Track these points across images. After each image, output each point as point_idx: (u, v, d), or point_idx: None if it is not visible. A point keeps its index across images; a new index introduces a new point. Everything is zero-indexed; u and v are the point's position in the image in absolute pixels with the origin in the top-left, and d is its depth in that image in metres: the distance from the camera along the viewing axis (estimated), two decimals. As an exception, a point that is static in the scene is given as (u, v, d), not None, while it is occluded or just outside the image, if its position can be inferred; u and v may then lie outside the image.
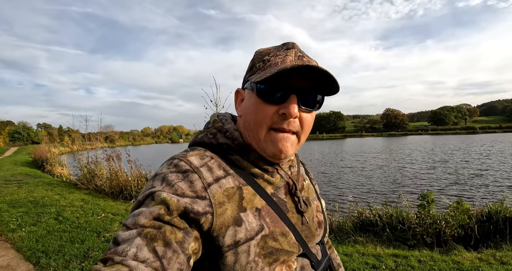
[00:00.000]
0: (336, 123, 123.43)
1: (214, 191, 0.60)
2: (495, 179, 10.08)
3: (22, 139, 63.98)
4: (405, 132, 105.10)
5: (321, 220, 0.81)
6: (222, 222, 0.58)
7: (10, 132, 65.53)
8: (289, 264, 0.66)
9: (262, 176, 0.69)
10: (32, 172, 11.92)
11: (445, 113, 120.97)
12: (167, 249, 0.50)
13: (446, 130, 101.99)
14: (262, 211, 0.64)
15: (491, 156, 17.45)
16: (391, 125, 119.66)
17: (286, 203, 0.71)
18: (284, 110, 0.63)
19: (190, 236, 0.55)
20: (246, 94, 0.70)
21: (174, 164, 0.63)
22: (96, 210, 5.47)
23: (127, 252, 0.48)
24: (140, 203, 0.57)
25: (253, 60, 0.70)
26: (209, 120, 0.78)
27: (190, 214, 0.55)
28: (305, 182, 0.82)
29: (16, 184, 8.34)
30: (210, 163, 0.65)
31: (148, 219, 0.52)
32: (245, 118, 0.68)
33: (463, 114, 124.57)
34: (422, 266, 3.31)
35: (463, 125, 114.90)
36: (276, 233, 0.64)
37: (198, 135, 0.75)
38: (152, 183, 0.60)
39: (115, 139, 69.67)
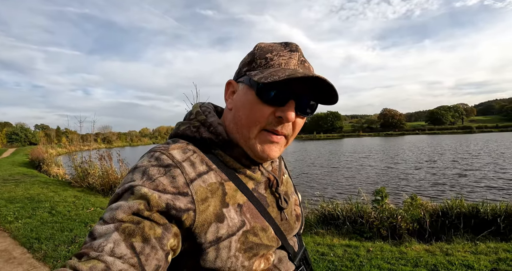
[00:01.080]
0: (333, 123, 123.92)
1: (196, 187, 0.59)
2: (476, 179, 10.27)
3: (19, 140, 64.33)
4: (402, 132, 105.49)
5: (298, 213, 0.82)
6: (204, 219, 0.58)
7: (7, 133, 65.92)
8: (267, 257, 0.67)
9: (244, 172, 0.69)
10: (29, 172, 12.43)
11: (442, 113, 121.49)
12: (145, 245, 0.50)
13: (443, 130, 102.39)
14: (243, 206, 0.65)
15: (480, 156, 17.59)
16: (388, 125, 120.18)
17: (266, 198, 0.72)
18: (281, 114, 0.63)
19: (169, 232, 0.54)
20: (240, 88, 0.68)
21: (155, 157, 0.61)
22: (87, 205, 5.98)
23: (103, 247, 0.47)
24: (119, 196, 0.56)
25: (253, 54, 0.67)
26: (191, 110, 0.76)
27: (172, 210, 0.54)
28: (284, 177, 0.83)
29: (14, 183, 8.85)
30: (193, 158, 0.64)
31: (127, 213, 0.51)
32: (237, 113, 0.67)
33: (460, 114, 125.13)
34: (368, 255, 3.57)
35: (460, 124, 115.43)
36: (257, 228, 0.65)
37: (179, 126, 0.72)
38: (132, 176, 0.58)
39: (112, 140, 70.03)
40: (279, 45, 0.67)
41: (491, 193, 8.10)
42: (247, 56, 0.70)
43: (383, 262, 3.32)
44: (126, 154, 8.53)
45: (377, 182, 10.78)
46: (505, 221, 4.46)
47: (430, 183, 9.97)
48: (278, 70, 0.61)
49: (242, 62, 0.70)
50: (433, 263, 3.23)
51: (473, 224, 4.64)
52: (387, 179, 11.35)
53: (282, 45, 0.68)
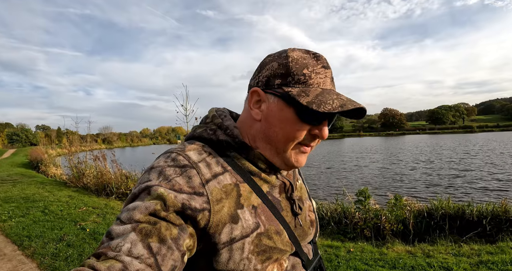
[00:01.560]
0: (334, 123, 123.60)
1: (212, 188, 0.60)
2: (471, 180, 10.21)
3: (20, 141, 64.69)
4: (403, 132, 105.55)
5: (313, 219, 0.82)
6: (219, 219, 0.58)
7: (8, 134, 66.29)
8: (281, 262, 0.67)
9: (259, 174, 0.69)
10: (27, 172, 12.63)
11: (442, 112, 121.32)
12: (162, 245, 0.51)
13: (443, 129, 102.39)
14: (258, 209, 0.65)
15: (478, 156, 17.50)
16: (389, 125, 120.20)
17: (280, 201, 0.72)
18: (318, 133, 0.65)
19: (185, 233, 0.55)
20: (272, 101, 0.66)
21: (172, 157, 0.62)
22: (79, 204, 6.14)
23: (121, 247, 0.48)
24: (135, 197, 0.57)
25: (287, 67, 0.64)
26: (207, 114, 0.77)
27: (187, 210, 0.55)
28: (298, 182, 0.83)
29: (11, 183, 9.03)
30: (209, 159, 0.64)
31: (144, 214, 0.52)
32: (272, 128, 0.66)
33: (460, 113, 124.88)
34: (348, 256, 3.57)
35: (460, 124, 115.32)
36: (271, 231, 0.65)
37: (196, 129, 0.74)
38: (149, 176, 0.59)
39: (113, 141, 70.34)
40: (311, 58, 0.66)
41: (485, 194, 8.13)
42: (277, 65, 0.65)
43: (361, 263, 3.34)
44: (125, 154, 8.67)
45: (369, 182, 10.84)
46: (491, 222, 4.45)
47: (424, 184, 9.99)
48: (325, 95, 0.62)
49: (269, 70, 0.66)
50: (411, 265, 3.24)
51: (459, 226, 4.63)
52: (380, 180, 11.40)
53: (313, 58, 0.66)
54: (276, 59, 0.66)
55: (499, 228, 4.38)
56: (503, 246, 3.69)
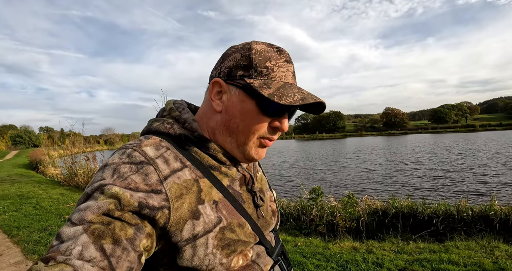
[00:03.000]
0: (335, 123, 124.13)
1: (170, 184, 0.58)
2: (453, 183, 9.96)
3: (23, 142, 65.74)
4: (405, 131, 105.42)
5: (274, 209, 0.83)
6: (180, 217, 0.57)
7: (11, 136, 67.44)
8: (245, 253, 0.68)
9: (219, 168, 0.68)
10: (26, 172, 13.32)
11: (445, 111, 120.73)
12: (116, 246, 0.49)
13: (446, 129, 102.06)
14: (219, 203, 0.64)
15: (468, 157, 17.00)
16: (391, 124, 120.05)
17: (241, 194, 0.72)
18: (278, 125, 0.66)
19: (142, 233, 0.53)
20: (234, 92, 0.65)
21: (127, 154, 0.60)
22: (68, 201, 6.73)
23: (71, 250, 0.46)
24: (88, 196, 0.54)
25: (250, 59, 0.64)
26: (164, 107, 0.75)
27: (145, 209, 0.53)
28: (258, 174, 0.84)
29: (10, 182, 9.66)
30: (166, 154, 0.62)
31: (96, 214, 0.50)
32: (232, 120, 0.66)
33: (463, 112, 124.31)
34: (292, 249, 3.79)
35: (463, 123, 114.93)
36: (234, 225, 0.65)
37: (152, 123, 0.71)
38: (102, 174, 0.56)
39: (115, 142, 71.20)
40: (274, 52, 0.66)
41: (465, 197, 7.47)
42: (240, 56, 0.65)
43: (300, 256, 3.54)
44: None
45: (345, 184, 10.86)
46: (444, 221, 4.57)
47: (406, 187, 9.79)
48: (286, 88, 0.63)
49: (231, 61, 0.66)
50: (346, 259, 3.40)
51: (414, 224, 4.75)
52: (360, 181, 11.32)
53: (276, 51, 0.67)
54: (239, 50, 0.66)
55: (453, 227, 4.53)
56: (449, 245, 3.86)
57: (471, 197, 7.66)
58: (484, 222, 4.48)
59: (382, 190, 9.51)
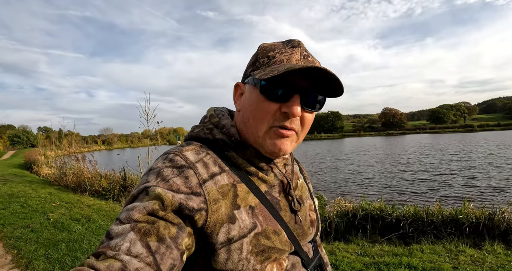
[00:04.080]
0: (334, 123, 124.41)
1: (209, 188, 0.60)
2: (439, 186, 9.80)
3: (21, 142, 65.83)
4: (403, 131, 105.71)
5: (313, 218, 0.82)
6: (216, 219, 0.59)
7: (9, 136, 67.60)
8: (280, 262, 0.68)
9: (257, 174, 0.69)
10: (20, 172, 13.60)
11: (443, 112, 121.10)
12: (161, 244, 0.51)
13: (444, 129, 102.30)
14: (255, 209, 0.66)
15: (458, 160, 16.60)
16: (389, 124, 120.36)
17: (279, 201, 0.72)
18: (287, 109, 0.63)
19: (183, 232, 0.56)
20: (247, 89, 0.70)
21: (169, 158, 0.63)
22: (55, 200, 7.01)
23: (120, 246, 0.49)
24: (134, 198, 0.58)
25: (257, 55, 0.69)
26: (206, 114, 0.78)
27: (185, 210, 0.56)
28: (299, 181, 0.84)
29: (2, 182, 9.94)
30: (206, 159, 0.65)
31: (142, 214, 0.53)
32: (244, 113, 0.69)
33: (462, 112, 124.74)
34: None
35: (462, 123, 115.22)
36: (269, 231, 0.65)
37: (194, 129, 0.75)
38: (147, 178, 0.60)
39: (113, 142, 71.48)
40: (281, 43, 0.69)
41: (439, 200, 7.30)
42: (252, 57, 0.71)
43: None
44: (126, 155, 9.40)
45: (329, 187, 10.88)
46: (413, 224, 4.61)
47: (390, 191, 9.65)
48: (278, 65, 0.63)
49: (248, 64, 0.71)
50: None
51: (384, 227, 4.79)
52: (345, 184, 11.28)
53: (284, 43, 0.69)
54: (253, 54, 0.71)
55: (422, 230, 4.55)
56: (415, 249, 3.90)
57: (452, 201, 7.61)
58: (454, 225, 4.50)
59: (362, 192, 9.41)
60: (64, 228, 4.75)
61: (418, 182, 10.76)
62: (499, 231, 4.32)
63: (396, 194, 9.10)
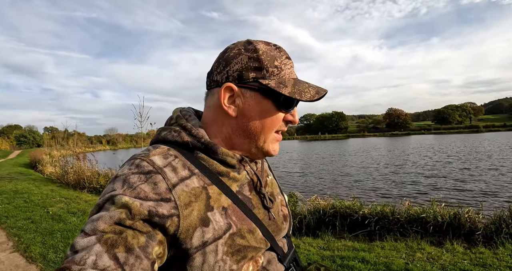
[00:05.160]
0: (338, 124, 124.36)
1: (179, 192, 0.59)
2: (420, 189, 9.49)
3: (28, 142, 66.91)
4: (408, 132, 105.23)
5: (286, 213, 0.84)
6: (189, 224, 0.58)
7: (16, 135, 68.83)
8: (256, 259, 0.68)
9: (228, 174, 0.69)
10: (25, 171, 14.26)
11: (449, 112, 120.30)
12: (129, 255, 0.50)
13: (449, 129, 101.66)
14: (228, 209, 0.65)
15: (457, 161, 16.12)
16: (394, 125, 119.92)
17: (251, 199, 0.72)
18: (291, 118, 0.71)
19: (153, 240, 0.54)
20: (248, 95, 0.67)
21: (135, 164, 0.61)
22: (56, 196, 7.55)
23: (85, 260, 0.47)
24: (100, 207, 0.56)
25: (260, 60, 0.66)
26: (171, 115, 0.76)
27: (155, 217, 0.54)
28: (268, 178, 0.84)
29: (8, 180, 10.56)
30: (174, 163, 0.63)
31: (108, 224, 0.51)
32: (251, 121, 0.68)
33: (467, 113, 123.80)
34: None
35: (467, 124, 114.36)
36: (244, 231, 0.65)
37: (160, 132, 0.72)
38: (113, 186, 0.58)
39: (117, 142, 72.45)
40: (274, 50, 0.69)
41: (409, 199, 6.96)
42: (246, 58, 0.66)
43: None
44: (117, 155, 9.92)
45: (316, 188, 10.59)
46: (380, 222, 4.74)
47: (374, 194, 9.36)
48: (299, 84, 0.68)
49: (239, 64, 0.66)
50: None
51: (353, 224, 4.95)
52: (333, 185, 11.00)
53: (275, 49, 0.70)
54: (243, 52, 0.67)
55: (388, 228, 4.68)
56: (376, 245, 4.09)
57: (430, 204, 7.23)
58: (420, 224, 4.62)
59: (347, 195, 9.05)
60: (61, 220, 5.27)
61: (405, 185, 10.47)
62: (464, 230, 4.44)
63: (378, 197, 8.72)
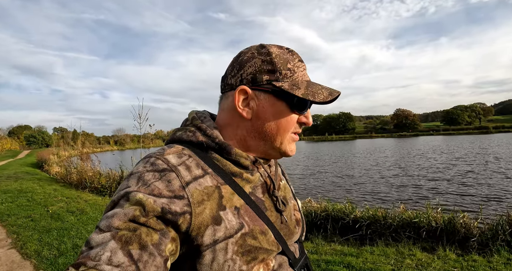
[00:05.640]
0: (345, 124, 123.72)
1: (192, 190, 0.60)
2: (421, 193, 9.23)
3: (37, 142, 68.35)
4: (416, 133, 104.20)
5: (298, 218, 0.83)
6: (201, 222, 0.59)
7: (26, 136, 70.33)
8: (267, 262, 0.67)
9: (241, 175, 0.69)
10: (32, 171, 14.64)
11: (458, 113, 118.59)
12: (143, 252, 0.50)
13: (458, 130, 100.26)
14: (240, 209, 0.65)
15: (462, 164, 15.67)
16: (402, 126, 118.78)
17: (264, 202, 0.72)
18: (305, 120, 0.72)
19: (166, 237, 0.54)
20: (262, 97, 0.68)
21: (150, 162, 0.62)
22: (58, 195, 7.79)
23: (100, 256, 0.48)
24: (115, 204, 0.56)
25: (273, 63, 0.67)
26: (187, 117, 0.78)
27: (168, 214, 0.55)
28: (281, 182, 0.84)
29: (14, 179, 10.88)
30: (188, 162, 0.64)
31: (123, 221, 0.52)
32: (266, 124, 0.69)
33: (477, 114, 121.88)
34: None
35: (477, 124, 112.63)
36: (256, 231, 0.65)
37: (176, 132, 0.74)
38: (127, 183, 0.59)
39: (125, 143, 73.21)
40: (287, 53, 0.70)
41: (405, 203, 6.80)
42: (260, 61, 0.68)
43: None
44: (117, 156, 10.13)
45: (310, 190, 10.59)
46: (371, 226, 4.70)
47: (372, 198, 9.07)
48: (312, 86, 0.69)
49: (252, 67, 0.68)
50: None
51: (347, 227, 4.90)
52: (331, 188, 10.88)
53: (288, 52, 0.71)
54: (256, 56, 0.68)
55: (380, 232, 4.63)
56: (365, 250, 4.07)
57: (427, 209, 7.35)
58: (413, 229, 4.53)
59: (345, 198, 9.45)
60: (59, 219, 5.46)
61: (405, 189, 10.16)
62: (459, 236, 4.30)
63: (377, 200, 8.55)
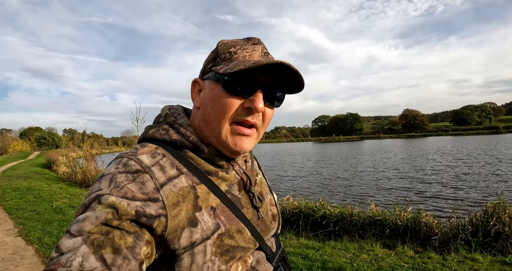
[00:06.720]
0: (353, 125, 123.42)
1: (167, 192, 0.58)
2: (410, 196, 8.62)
3: (47, 144, 70.25)
4: (424, 133, 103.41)
5: (275, 213, 0.83)
6: (177, 224, 0.58)
7: (36, 137, 72.36)
8: (245, 259, 0.67)
9: (216, 173, 0.68)
10: (41, 171, 15.41)
11: (467, 113, 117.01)
12: (117, 256, 0.49)
13: (468, 131, 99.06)
14: (217, 209, 0.64)
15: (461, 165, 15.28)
16: (410, 126, 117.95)
17: (240, 199, 0.71)
18: (250, 104, 0.64)
19: (141, 240, 0.53)
20: (207, 85, 0.68)
21: (123, 163, 0.60)
22: (63, 193, 8.41)
23: (71, 262, 0.46)
24: (86, 207, 0.54)
25: (217, 51, 0.68)
26: (160, 113, 0.75)
27: (142, 218, 0.54)
28: (258, 177, 0.83)
29: (24, 179, 11.60)
30: (162, 162, 0.62)
31: (95, 224, 0.50)
32: (205, 110, 0.67)
33: (487, 114, 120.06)
34: None
35: (487, 124, 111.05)
36: (232, 231, 0.65)
37: (148, 130, 0.71)
38: (99, 185, 0.57)
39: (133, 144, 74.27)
40: (241, 40, 0.69)
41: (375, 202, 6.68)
42: (210, 53, 0.70)
43: None
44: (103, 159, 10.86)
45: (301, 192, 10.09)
46: (339, 223, 5.02)
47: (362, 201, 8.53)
48: (243, 61, 0.63)
49: (206, 60, 0.70)
50: None
51: (318, 224, 5.17)
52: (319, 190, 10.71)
53: (244, 40, 0.70)
54: (212, 50, 0.71)
55: (348, 229, 4.93)
56: (329, 244, 4.35)
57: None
58: (378, 227, 4.78)
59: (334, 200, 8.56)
60: (61, 212, 6.04)
61: (396, 191, 9.85)
62: (421, 235, 4.50)
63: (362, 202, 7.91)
